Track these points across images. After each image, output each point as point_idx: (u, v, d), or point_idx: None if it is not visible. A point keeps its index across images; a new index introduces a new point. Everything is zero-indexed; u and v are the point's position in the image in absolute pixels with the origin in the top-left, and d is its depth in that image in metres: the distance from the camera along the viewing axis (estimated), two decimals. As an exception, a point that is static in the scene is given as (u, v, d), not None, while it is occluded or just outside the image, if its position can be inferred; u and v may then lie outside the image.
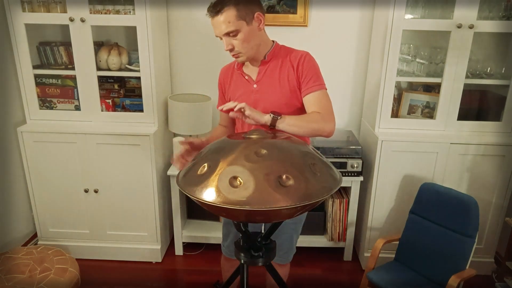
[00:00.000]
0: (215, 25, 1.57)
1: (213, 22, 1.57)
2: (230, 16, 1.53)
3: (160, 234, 2.68)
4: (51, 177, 2.56)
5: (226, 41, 1.59)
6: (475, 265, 2.29)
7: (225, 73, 1.83)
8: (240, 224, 1.41)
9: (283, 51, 1.71)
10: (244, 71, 1.75)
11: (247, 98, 1.72)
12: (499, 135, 2.45)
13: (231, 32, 1.56)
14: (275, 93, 1.69)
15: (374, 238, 2.58)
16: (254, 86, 1.72)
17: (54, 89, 2.60)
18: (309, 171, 1.26)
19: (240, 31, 1.56)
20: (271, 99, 1.69)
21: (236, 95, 1.76)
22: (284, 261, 1.95)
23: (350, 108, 2.91)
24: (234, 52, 1.62)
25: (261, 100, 1.70)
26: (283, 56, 1.70)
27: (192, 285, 2.56)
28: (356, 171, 2.55)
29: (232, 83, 1.80)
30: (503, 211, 2.49)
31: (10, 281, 2.15)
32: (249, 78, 1.74)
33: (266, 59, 1.69)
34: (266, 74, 1.70)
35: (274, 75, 1.69)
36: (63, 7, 2.35)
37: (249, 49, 1.62)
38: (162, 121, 2.66)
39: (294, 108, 1.69)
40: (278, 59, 1.70)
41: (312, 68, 1.67)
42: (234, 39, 1.58)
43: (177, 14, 2.73)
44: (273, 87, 1.69)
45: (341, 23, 2.71)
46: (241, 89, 1.75)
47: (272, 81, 1.69)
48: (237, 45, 1.59)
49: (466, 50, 2.30)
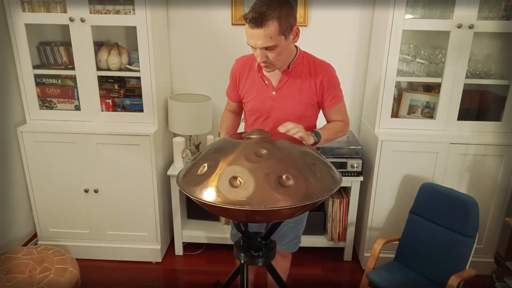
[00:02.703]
0: (253, 36, 1.51)
1: (251, 32, 1.50)
2: (272, 32, 1.48)
3: (160, 234, 2.68)
4: (51, 177, 2.56)
5: (261, 54, 1.55)
6: (475, 265, 2.29)
7: (243, 66, 1.80)
8: (240, 224, 1.41)
9: (305, 61, 1.72)
10: (265, 75, 1.74)
11: (264, 102, 1.74)
12: (499, 135, 2.45)
13: (270, 47, 1.52)
14: (292, 103, 1.71)
15: (374, 238, 2.58)
16: (273, 93, 1.73)
17: (54, 89, 2.60)
18: (309, 171, 1.26)
19: (278, 46, 1.53)
20: (287, 108, 1.72)
21: (252, 95, 1.77)
22: (288, 249, 1.97)
23: (350, 108, 2.91)
24: (266, 64, 1.60)
25: (278, 107, 1.73)
26: (306, 66, 1.71)
27: (192, 285, 2.56)
28: (356, 171, 2.55)
29: (248, 80, 1.78)
30: (503, 211, 2.49)
31: (10, 281, 2.15)
32: (269, 84, 1.73)
33: (290, 69, 1.69)
34: (287, 83, 1.71)
35: (295, 86, 1.70)
36: (63, 7, 2.35)
37: (281, 61, 1.63)
38: (162, 121, 2.66)
39: (305, 118, 1.74)
40: (300, 69, 1.70)
41: (335, 84, 1.73)
42: (270, 52, 1.55)
43: (177, 14, 2.73)
44: (292, 98, 1.71)
45: (341, 23, 2.71)
46: (258, 91, 1.75)
47: (291, 92, 1.71)
48: (272, 57, 1.57)
49: (466, 50, 2.30)
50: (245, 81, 1.79)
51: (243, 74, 1.79)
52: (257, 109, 1.78)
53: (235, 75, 1.82)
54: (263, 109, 1.76)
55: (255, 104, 1.77)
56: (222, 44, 2.78)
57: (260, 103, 1.75)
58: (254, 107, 1.78)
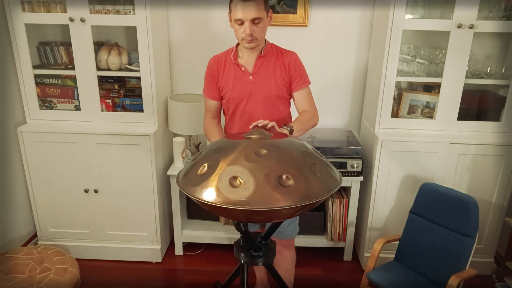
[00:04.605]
0: (244, 8, 1.70)
1: (243, 5, 1.70)
2: (261, 4, 1.72)
3: (160, 234, 2.68)
4: (51, 177, 2.56)
5: (249, 26, 1.73)
6: (475, 265, 2.29)
7: (218, 62, 1.95)
8: (240, 224, 1.41)
9: (274, 49, 1.93)
10: (240, 63, 1.90)
11: (243, 88, 1.89)
12: (499, 135, 2.45)
13: (258, 18, 1.72)
14: (269, 85, 1.89)
15: (374, 238, 2.58)
16: (250, 77, 1.89)
17: (54, 89, 2.60)
18: (309, 171, 1.26)
19: (263, 19, 1.75)
20: (265, 90, 1.89)
21: (230, 83, 1.91)
22: (287, 236, 2.03)
23: (350, 108, 2.91)
24: (252, 37, 1.76)
25: (256, 90, 1.89)
26: (275, 53, 1.92)
27: (192, 285, 2.56)
28: (356, 171, 2.55)
29: (225, 73, 1.93)
30: (503, 211, 2.49)
31: (10, 281, 2.15)
32: (245, 70, 1.89)
33: (263, 54, 1.88)
34: (262, 67, 1.89)
35: (269, 69, 1.89)
36: (63, 7, 2.35)
37: (262, 38, 1.83)
38: (162, 121, 2.66)
39: (282, 98, 1.93)
40: (271, 55, 1.91)
41: (301, 66, 1.94)
42: (256, 26, 1.75)
43: (177, 14, 2.73)
44: (268, 80, 1.89)
45: (341, 23, 2.71)
46: (235, 78, 1.90)
47: (267, 74, 1.89)
48: (257, 32, 1.76)
49: (466, 50, 2.30)
50: (223, 74, 1.93)
51: (221, 69, 1.94)
52: (236, 96, 1.91)
53: (213, 71, 1.96)
54: (242, 95, 1.90)
55: (234, 92, 1.91)
56: (222, 44, 2.77)
57: (239, 89, 1.90)
58: (234, 95, 1.91)
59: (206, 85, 2.00)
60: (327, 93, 2.86)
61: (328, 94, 2.87)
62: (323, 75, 2.83)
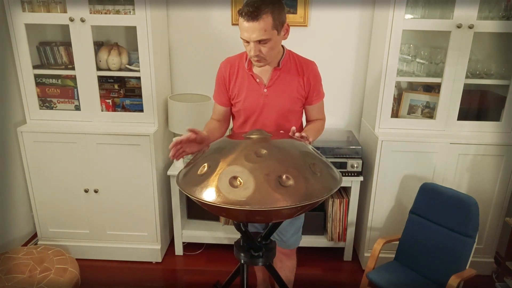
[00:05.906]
0: (248, 30, 1.56)
1: (246, 26, 1.55)
2: (267, 25, 1.54)
3: (160, 234, 2.68)
4: (51, 177, 2.56)
5: (254, 47, 1.59)
6: (475, 265, 2.29)
7: (231, 68, 1.81)
8: (240, 224, 1.41)
9: (292, 58, 1.79)
10: (255, 73, 1.77)
11: (256, 101, 1.78)
12: (499, 135, 2.45)
13: (264, 40, 1.57)
14: (283, 99, 1.77)
15: (374, 238, 2.58)
16: (264, 90, 1.77)
17: (54, 89, 2.60)
18: (309, 171, 1.26)
19: (271, 39, 1.59)
20: (278, 104, 1.78)
21: (243, 94, 1.79)
22: (290, 246, 1.99)
23: (350, 108, 2.91)
24: (258, 58, 1.63)
25: (270, 104, 1.78)
26: (294, 65, 1.78)
27: (192, 285, 2.56)
28: (356, 171, 2.55)
29: (237, 81, 1.80)
30: (503, 211, 2.49)
31: (10, 281, 2.15)
32: (260, 82, 1.77)
33: (280, 66, 1.75)
34: (278, 80, 1.76)
35: (285, 82, 1.77)
36: (63, 7, 2.35)
37: (273, 56, 1.68)
38: (162, 121, 2.66)
39: (293, 112, 1.83)
40: (289, 67, 1.77)
41: (319, 82, 1.84)
42: (263, 46, 1.60)
43: (177, 14, 2.73)
44: (283, 94, 1.77)
45: (341, 23, 2.71)
46: (249, 90, 1.78)
47: (282, 88, 1.77)
48: (264, 51, 1.61)
49: (466, 50, 2.30)
50: (235, 81, 1.80)
51: (233, 75, 1.80)
52: (248, 107, 1.80)
53: (224, 77, 1.83)
54: (254, 107, 1.79)
55: (246, 103, 1.79)
56: (222, 44, 2.78)
57: (251, 101, 1.78)
58: (246, 106, 1.80)
59: (216, 90, 1.89)
60: (327, 93, 2.81)
61: (328, 94, 2.83)
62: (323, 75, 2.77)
